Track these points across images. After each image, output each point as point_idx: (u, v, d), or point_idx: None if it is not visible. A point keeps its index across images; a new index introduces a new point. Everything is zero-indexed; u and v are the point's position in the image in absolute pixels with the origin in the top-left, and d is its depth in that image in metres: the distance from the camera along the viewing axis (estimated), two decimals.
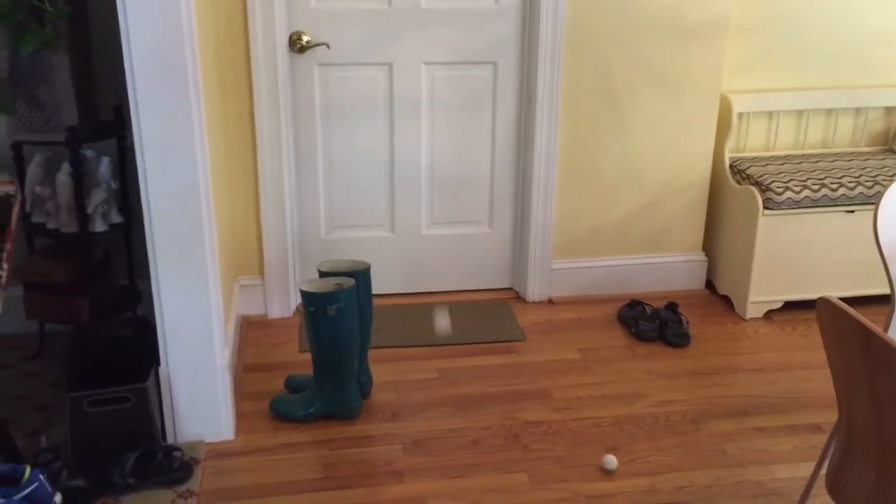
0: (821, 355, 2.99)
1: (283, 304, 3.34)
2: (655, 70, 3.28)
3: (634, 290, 3.53)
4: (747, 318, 3.36)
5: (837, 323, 1.59)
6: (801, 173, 3.29)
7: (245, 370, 2.97)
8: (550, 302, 3.50)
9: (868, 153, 3.58)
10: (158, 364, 2.49)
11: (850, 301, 1.67)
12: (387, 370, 2.96)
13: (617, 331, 3.28)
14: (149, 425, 2.42)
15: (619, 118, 3.33)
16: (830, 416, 2.62)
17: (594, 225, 3.46)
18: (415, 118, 3.27)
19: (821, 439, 2.60)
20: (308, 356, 2.74)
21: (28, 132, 2.70)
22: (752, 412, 2.78)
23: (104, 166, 2.80)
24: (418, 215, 3.41)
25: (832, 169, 3.34)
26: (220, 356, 2.52)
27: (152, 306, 2.44)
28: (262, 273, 3.30)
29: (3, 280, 2.23)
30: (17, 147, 2.78)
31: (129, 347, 2.61)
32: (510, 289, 3.56)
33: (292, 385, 2.83)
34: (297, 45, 3.09)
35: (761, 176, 3.28)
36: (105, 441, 2.37)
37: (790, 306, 3.36)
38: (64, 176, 2.72)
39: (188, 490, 2.36)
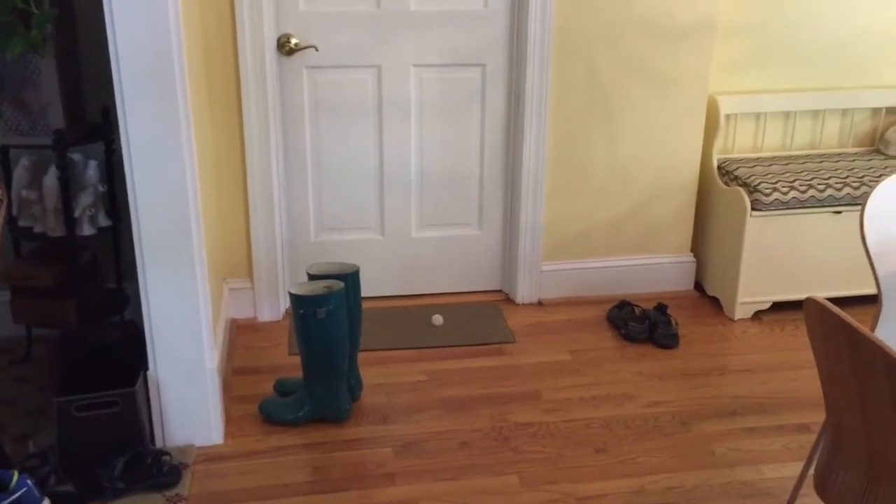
0: (809, 355, 3.00)
1: (273, 307, 3.33)
2: (643, 71, 3.29)
3: (624, 291, 3.54)
4: (736, 318, 3.37)
5: (824, 323, 1.60)
6: (788, 174, 3.31)
7: (234, 373, 2.96)
8: (540, 304, 3.50)
9: (855, 154, 3.60)
10: (147, 368, 2.48)
11: (838, 301, 1.68)
12: (377, 373, 2.96)
13: (606, 332, 3.29)
14: (137, 429, 2.41)
15: (607, 120, 3.33)
16: (819, 416, 2.63)
17: (583, 226, 3.47)
18: (404, 120, 3.27)
19: (809, 439, 2.61)
20: (298, 359, 2.74)
21: (15, 135, 2.69)
22: (741, 413, 2.79)
23: (91, 170, 2.79)
24: (408, 218, 3.40)
25: (819, 170, 3.36)
26: (209, 359, 2.51)
27: (140, 310, 2.43)
28: (251, 276, 3.29)
29: None
30: (3, 150, 2.77)
31: (118, 351, 2.59)
32: (500, 291, 3.57)
33: (282, 388, 2.83)
34: (285, 47, 3.09)
35: (749, 177, 3.30)
36: (93, 446, 2.36)
37: (778, 307, 3.37)
38: (51, 179, 2.71)
39: (177, 494, 2.35)
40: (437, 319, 3.26)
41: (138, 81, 2.22)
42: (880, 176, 3.31)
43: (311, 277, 2.72)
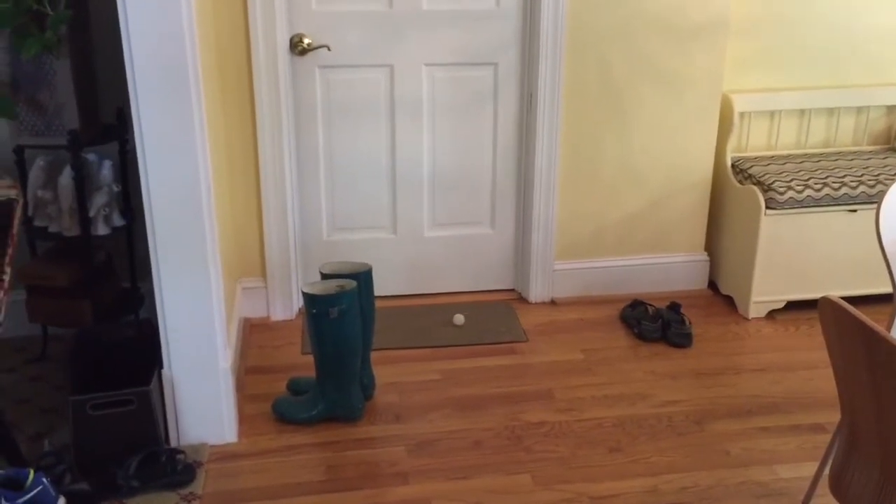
0: (824, 355, 2.99)
1: (286, 307, 3.34)
2: (657, 70, 3.28)
3: (637, 290, 3.53)
4: (750, 317, 3.35)
5: (839, 322, 1.59)
6: (803, 173, 3.29)
7: (248, 372, 2.97)
8: (553, 303, 3.49)
9: (870, 152, 3.58)
10: (161, 367, 2.49)
11: (853, 300, 1.67)
12: (389, 372, 2.96)
13: (619, 331, 3.28)
14: (152, 428, 2.43)
15: (620, 118, 3.32)
16: (834, 416, 2.62)
17: (596, 225, 3.46)
18: (416, 120, 3.27)
19: (824, 439, 2.60)
20: (310, 358, 2.75)
21: (30, 136, 2.70)
22: (755, 412, 2.77)
23: (106, 170, 2.81)
24: (420, 217, 3.41)
25: (834, 168, 3.34)
26: (223, 358, 2.52)
27: (155, 309, 2.44)
28: (264, 275, 3.30)
29: (6, 284, 2.23)
30: (19, 151, 2.78)
31: (132, 350, 2.61)
32: (512, 290, 3.56)
33: (295, 387, 2.83)
34: (298, 47, 3.10)
35: (763, 175, 3.28)
36: (108, 444, 2.38)
37: (793, 306, 3.35)
38: (66, 179, 2.73)
39: (191, 493, 2.36)
40: (459, 319, 3.27)
41: (152, 82, 2.23)
42: None
43: (324, 277, 2.72)
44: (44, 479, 2.09)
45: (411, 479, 2.44)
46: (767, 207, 3.20)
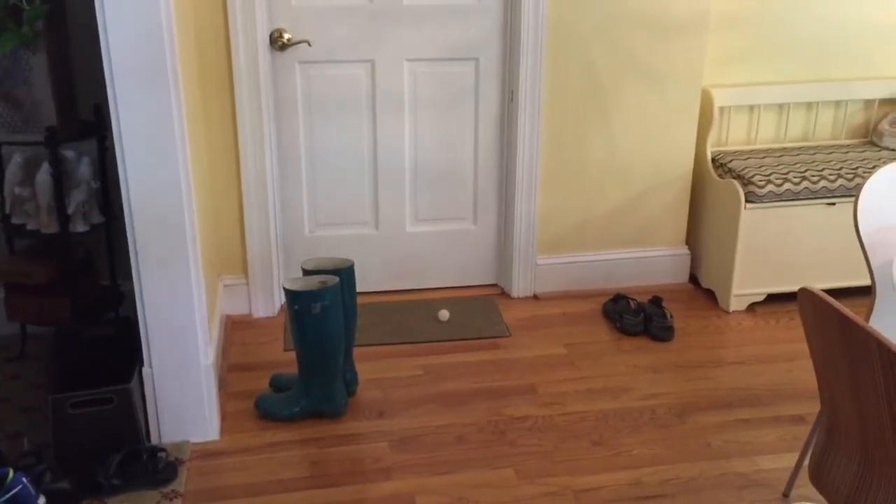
0: (803, 347, 3.00)
1: (268, 303, 3.33)
2: (637, 65, 3.29)
3: (619, 284, 3.54)
4: (731, 311, 3.37)
5: (818, 312, 1.60)
6: (782, 166, 3.31)
7: (230, 370, 2.96)
8: (535, 297, 3.50)
9: (848, 146, 3.61)
10: (142, 364, 2.48)
11: (833, 293, 1.68)
12: (372, 368, 2.96)
13: (602, 325, 3.29)
14: (133, 426, 2.41)
15: (601, 113, 3.33)
16: (813, 407, 2.64)
17: (578, 220, 3.47)
18: (397, 115, 3.27)
19: (804, 430, 2.62)
20: (293, 355, 2.74)
21: (6, 132, 2.67)
22: (736, 404, 2.79)
23: (84, 166, 2.78)
24: (402, 212, 3.40)
25: (813, 162, 3.36)
26: (205, 356, 2.51)
27: (135, 306, 2.43)
28: (245, 272, 3.29)
29: None
30: None
31: (113, 348, 2.59)
32: (495, 285, 3.57)
33: (277, 384, 2.82)
34: (278, 42, 3.08)
35: (743, 170, 3.30)
36: (89, 443, 2.36)
37: (773, 299, 3.38)
38: (44, 176, 2.70)
39: (173, 491, 2.35)
40: (444, 315, 3.26)
41: (130, 77, 2.21)
42: (874, 167, 3.31)
43: (306, 273, 2.71)
44: (23, 479, 2.07)
45: (395, 475, 2.44)
46: (747, 201, 3.22)
